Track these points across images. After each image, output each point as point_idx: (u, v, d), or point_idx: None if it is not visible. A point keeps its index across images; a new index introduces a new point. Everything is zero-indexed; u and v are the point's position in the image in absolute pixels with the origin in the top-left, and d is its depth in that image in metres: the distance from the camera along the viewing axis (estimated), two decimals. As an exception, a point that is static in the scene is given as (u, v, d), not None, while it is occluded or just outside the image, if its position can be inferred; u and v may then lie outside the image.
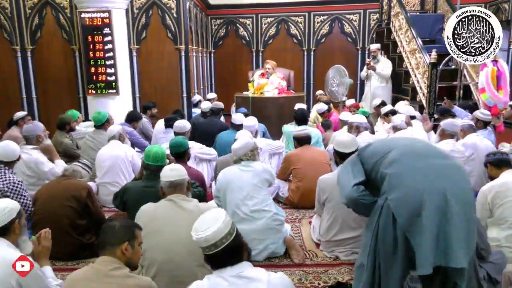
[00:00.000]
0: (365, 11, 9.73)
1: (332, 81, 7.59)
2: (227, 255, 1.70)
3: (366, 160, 2.11)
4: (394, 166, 1.91)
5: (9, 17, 7.33)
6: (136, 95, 7.49)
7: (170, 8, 7.23)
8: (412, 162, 1.91)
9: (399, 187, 1.84)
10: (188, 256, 2.29)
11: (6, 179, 3.33)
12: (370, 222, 1.99)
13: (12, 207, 2.10)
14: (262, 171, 3.23)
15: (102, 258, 1.87)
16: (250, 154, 3.28)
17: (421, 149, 2.03)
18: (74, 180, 3.26)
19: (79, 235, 3.15)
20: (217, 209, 1.86)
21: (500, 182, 2.87)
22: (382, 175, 1.94)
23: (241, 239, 1.77)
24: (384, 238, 1.86)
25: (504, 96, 5.46)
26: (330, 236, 3.18)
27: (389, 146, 2.03)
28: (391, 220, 1.83)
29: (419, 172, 1.86)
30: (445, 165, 1.92)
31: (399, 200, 1.82)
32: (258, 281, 1.68)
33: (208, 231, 1.69)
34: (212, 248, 1.69)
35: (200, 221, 1.78)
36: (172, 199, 2.45)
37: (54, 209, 3.07)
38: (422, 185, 1.80)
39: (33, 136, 4.06)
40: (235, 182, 3.14)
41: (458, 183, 1.85)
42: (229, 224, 1.74)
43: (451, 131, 4.19)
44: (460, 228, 1.75)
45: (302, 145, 4.37)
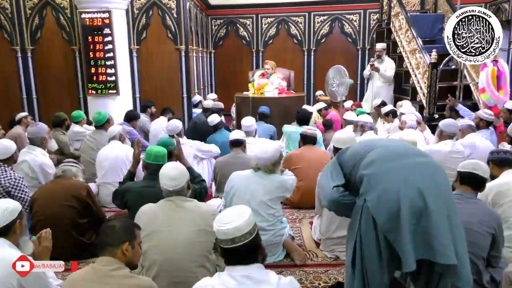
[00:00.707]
0: (365, 11, 9.73)
1: (332, 81, 7.58)
2: (242, 253, 1.70)
3: (345, 163, 2.09)
4: (371, 167, 1.90)
5: (10, 18, 7.34)
6: (136, 95, 7.49)
7: (170, 8, 7.24)
8: (389, 162, 1.90)
9: (376, 187, 1.83)
10: (188, 257, 2.29)
11: (7, 175, 3.37)
12: (352, 225, 1.97)
13: (13, 207, 2.11)
14: (277, 188, 3.08)
15: (102, 259, 1.87)
16: (271, 168, 3.10)
17: (399, 149, 2.02)
18: (72, 180, 3.26)
19: (80, 235, 3.16)
20: (245, 206, 1.84)
21: (501, 182, 2.87)
22: (360, 177, 1.93)
23: (260, 242, 1.77)
24: (368, 241, 1.85)
25: (504, 96, 5.46)
26: (331, 233, 3.18)
27: (367, 148, 2.02)
28: (371, 222, 1.82)
29: (395, 171, 1.85)
30: (421, 163, 1.90)
31: (376, 200, 1.81)
32: (268, 283, 1.68)
33: (230, 225, 1.70)
34: (229, 243, 1.69)
35: (225, 213, 1.79)
36: (171, 200, 2.45)
37: (54, 210, 3.06)
38: (397, 184, 1.79)
39: (38, 139, 4.08)
40: (245, 194, 3.05)
41: (436, 180, 1.83)
42: (251, 224, 1.73)
43: (449, 132, 4.16)
44: (440, 226, 1.74)
45: (306, 143, 4.37)
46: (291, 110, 6.40)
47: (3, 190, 3.30)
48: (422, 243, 1.74)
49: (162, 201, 2.49)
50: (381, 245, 1.82)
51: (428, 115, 6.06)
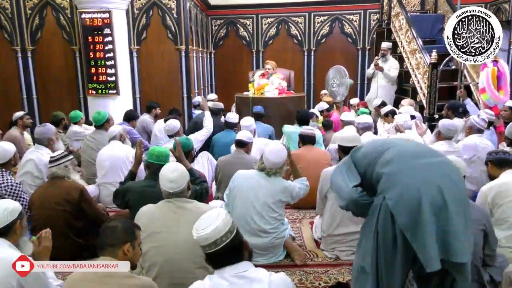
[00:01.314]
0: (365, 11, 9.72)
1: (332, 82, 7.60)
2: (227, 254, 1.70)
3: (359, 162, 2.09)
4: (390, 166, 1.90)
5: (10, 18, 7.34)
6: (137, 96, 7.50)
7: (170, 8, 7.24)
8: (408, 161, 1.91)
9: (396, 186, 1.84)
10: (188, 258, 2.29)
11: (4, 181, 3.35)
12: (368, 224, 1.97)
13: (14, 207, 2.11)
14: (281, 192, 3.09)
15: (102, 259, 1.87)
16: (278, 171, 3.12)
17: (415, 148, 2.03)
18: (65, 181, 3.22)
19: (77, 236, 3.15)
20: (217, 208, 1.86)
21: (501, 182, 2.87)
22: (377, 175, 1.93)
23: (242, 238, 1.78)
24: (384, 239, 1.86)
25: (504, 96, 5.45)
26: (332, 230, 3.19)
27: (383, 147, 2.02)
28: (390, 220, 1.83)
29: (415, 170, 1.86)
30: (439, 162, 1.92)
31: (396, 198, 1.81)
32: (259, 281, 1.68)
33: (208, 229, 1.70)
34: (212, 247, 1.69)
35: (200, 220, 1.79)
36: (171, 201, 2.45)
37: (49, 213, 3.06)
38: (417, 182, 1.80)
39: (45, 139, 4.12)
40: (248, 194, 3.05)
41: (453, 180, 1.85)
42: (229, 223, 1.74)
43: (447, 135, 4.15)
44: (458, 224, 1.75)
45: (305, 144, 4.37)
46: (291, 110, 6.41)
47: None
48: (443, 241, 1.75)
49: (162, 202, 2.49)
50: (398, 244, 1.82)
51: (428, 115, 6.05)
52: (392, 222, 1.82)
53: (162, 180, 2.47)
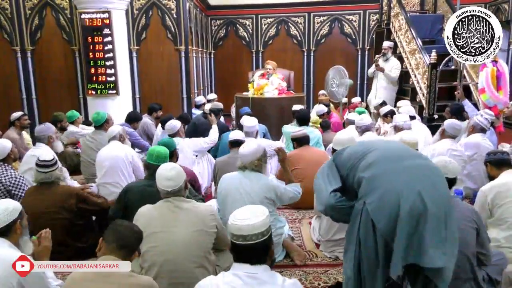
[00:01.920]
0: (364, 11, 9.74)
1: (332, 82, 7.59)
2: (252, 252, 1.70)
3: (342, 165, 2.07)
4: (371, 170, 1.88)
5: (9, 18, 7.35)
6: (136, 96, 7.50)
7: (170, 9, 7.24)
8: (388, 164, 1.88)
9: (376, 190, 1.81)
10: (187, 258, 2.29)
11: (8, 174, 3.39)
12: (351, 229, 1.95)
13: (14, 207, 2.10)
14: (261, 188, 3.00)
15: (103, 258, 1.87)
16: (257, 164, 3.06)
17: (397, 150, 2.00)
18: (59, 188, 3.14)
19: (75, 240, 3.12)
20: (263, 207, 1.84)
21: (500, 182, 2.87)
22: (358, 179, 1.90)
23: (271, 244, 1.76)
24: (366, 244, 1.84)
25: (504, 96, 5.45)
26: (331, 235, 3.18)
27: (365, 150, 2.00)
28: (371, 225, 1.81)
29: (395, 173, 1.83)
30: (420, 165, 1.89)
31: (376, 203, 1.79)
32: (272, 284, 1.68)
33: (244, 222, 1.70)
34: (240, 239, 1.69)
35: (243, 209, 1.79)
36: (170, 200, 2.45)
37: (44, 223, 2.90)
38: (398, 187, 1.77)
39: (45, 137, 4.19)
40: (235, 195, 3.02)
41: (435, 183, 1.82)
42: (266, 225, 1.73)
43: (451, 133, 4.16)
44: (436, 229, 1.72)
45: (302, 145, 4.37)
46: (291, 110, 6.41)
47: (4, 188, 3.32)
48: (416, 247, 1.72)
49: (160, 202, 2.49)
50: (378, 248, 1.80)
51: (428, 116, 6.05)
52: (373, 227, 1.80)
53: (159, 179, 2.47)
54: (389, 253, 1.77)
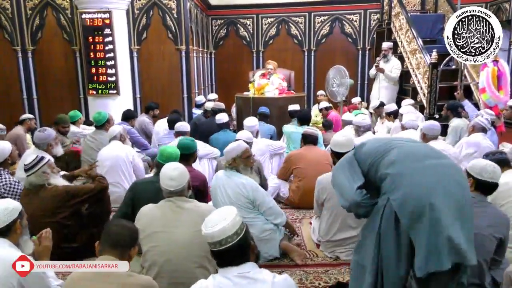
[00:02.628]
0: (365, 11, 9.72)
1: (332, 82, 7.58)
2: (232, 254, 1.70)
3: (363, 161, 2.08)
4: (395, 167, 1.90)
5: (10, 18, 7.35)
6: (137, 96, 7.51)
7: (170, 8, 7.24)
8: (412, 162, 1.91)
9: (401, 187, 1.84)
10: (188, 257, 2.29)
11: (2, 180, 3.35)
12: (371, 223, 1.97)
13: (14, 207, 2.11)
14: (243, 189, 3.03)
15: (103, 258, 1.87)
16: (231, 162, 3.11)
17: (419, 149, 2.03)
18: (49, 189, 3.08)
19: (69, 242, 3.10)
20: (229, 207, 1.84)
21: (501, 182, 2.85)
22: (382, 175, 1.93)
23: (249, 241, 1.76)
24: (387, 239, 1.86)
25: (504, 96, 5.45)
26: (330, 236, 3.18)
27: (387, 146, 2.01)
28: (393, 221, 1.84)
29: (420, 172, 1.86)
30: (444, 165, 1.93)
31: (401, 200, 1.81)
32: (263, 282, 1.68)
33: (215, 228, 1.70)
34: (217, 246, 1.69)
35: (211, 216, 1.78)
36: (171, 200, 2.45)
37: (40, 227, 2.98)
38: (423, 185, 1.81)
39: (44, 144, 4.09)
40: (219, 193, 3.09)
41: (459, 182, 1.86)
42: (237, 225, 1.72)
43: (432, 135, 4.17)
44: (467, 227, 1.77)
45: (307, 143, 4.37)
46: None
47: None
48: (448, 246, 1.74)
49: (162, 201, 2.49)
50: (402, 244, 1.82)
51: (428, 115, 6.05)
52: (396, 223, 1.83)
53: (162, 178, 2.47)
54: (412, 249, 1.80)
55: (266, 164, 4.72)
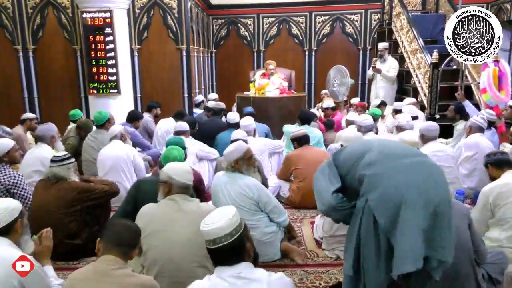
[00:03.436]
0: (366, 11, 9.72)
1: (333, 81, 7.60)
2: (225, 254, 1.70)
3: (341, 164, 2.08)
4: (372, 167, 1.89)
5: (11, 17, 7.36)
6: (138, 95, 7.51)
7: (171, 8, 7.24)
8: (390, 162, 1.90)
9: (378, 187, 1.82)
10: (189, 257, 2.29)
11: (6, 173, 3.37)
12: (352, 227, 1.96)
13: (14, 206, 2.10)
14: (247, 190, 3.01)
15: (104, 257, 1.88)
16: (234, 164, 3.08)
17: (397, 148, 2.02)
18: (65, 183, 3.16)
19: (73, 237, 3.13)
20: (229, 207, 1.84)
21: (502, 182, 2.86)
22: (360, 177, 1.91)
23: (244, 243, 1.75)
24: (367, 241, 1.85)
25: (505, 96, 5.45)
26: (334, 231, 3.18)
27: (365, 148, 2.01)
28: (372, 222, 1.82)
29: (396, 171, 1.85)
30: (421, 163, 1.91)
31: (378, 199, 1.80)
32: (258, 281, 1.67)
33: (211, 226, 1.70)
34: (211, 244, 1.70)
35: (212, 213, 1.79)
36: (174, 199, 2.45)
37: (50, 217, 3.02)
38: (399, 183, 1.79)
39: (48, 136, 4.17)
40: (219, 195, 3.06)
41: (436, 180, 1.84)
42: (234, 225, 1.72)
43: (430, 136, 4.18)
44: (443, 225, 1.75)
45: (302, 145, 4.37)
46: (292, 110, 6.42)
47: (3, 188, 3.31)
48: (426, 242, 1.73)
49: (164, 200, 2.49)
50: (381, 245, 1.81)
51: (429, 116, 6.05)
52: (375, 224, 1.81)
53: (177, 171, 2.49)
54: (392, 249, 1.78)
55: (265, 163, 4.72)
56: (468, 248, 2.22)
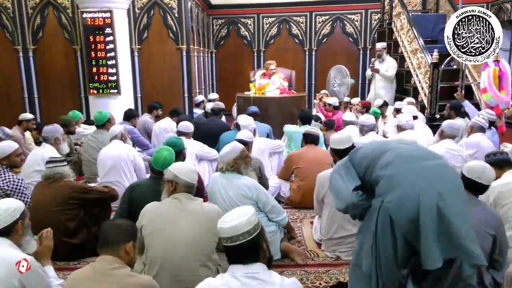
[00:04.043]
0: (366, 11, 9.72)
1: (333, 81, 7.60)
2: (241, 253, 1.70)
3: (358, 164, 2.09)
4: (389, 168, 1.90)
5: (11, 17, 7.36)
6: (138, 95, 7.51)
7: (171, 8, 7.25)
8: (407, 163, 1.91)
9: (396, 189, 1.83)
10: (191, 255, 2.28)
11: (6, 178, 3.35)
12: (367, 226, 1.97)
13: (16, 207, 2.09)
14: (246, 189, 3.01)
15: (103, 257, 1.88)
16: (232, 164, 3.07)
17: (414, 151, 2.03)
18: (62, 182, 3.17)
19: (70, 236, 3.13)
20: (248, 207, 1.84)
21: (503, 182, 2.86)
22: (376, 178, 1.93)
23: (261, 243, 1.76)
24: (383, 240, 1.86)
25: (506, 96, 5.44)
26: (331, 234, 3.18)
27: (382, 149, 2.02)
28: (388, 223, 1.83)
29: (414, 173, 1.86)
30: (438, 165, 1.92)
31: (395, 202, 1.81)
32: (272, 284, 1.68)
33: (229, 224, 1.71)
34: (228, 241, 1.70)
35: (230, 212, 1.80)
36: (178, 197, 2.45)
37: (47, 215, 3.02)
38: (418, 186, 1.80)
39: (52, 138, 4.19)
40: (217, 196, 3.04)
41: (454, 182, 1.86)
42: (252, 224, 1.72)
43: (450, 134, 4.18)
44: (461, 226, 1.76)
45: (308, 143, 4.36)
46: (292, 110, 6.41)
47: (2, 192, 3.28)
48: (448, 243, 1.75)
49: (168, 199, 2.49)
50: (398, 244, 1.82)
51: (429, 115, 6.05)
52: (391, 224, 1.82)
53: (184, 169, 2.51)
54: (409, 249, 1.81)
55: (266, 163, 4.71)
56: None
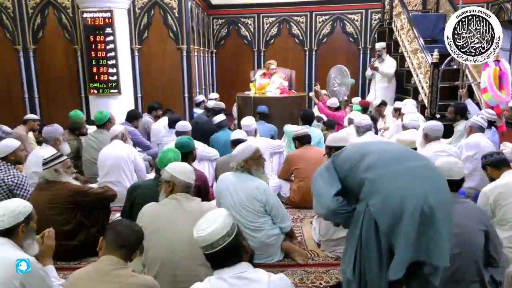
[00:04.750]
0: (366, 11, 9.72)
1: (333, 81, 7.61)
2: (224, 256, 1.70)
3: (341, 166, 2.04)
4: (373, 171, 1.87)
5: (11, 17, 7.36)
6: (138, 95, 7.51)
7: (172, 8, 7.25)
8: (390, 165, 1.88)
9: (379, 192, 1.80)
10: (190, 255, 2.29)
11: (10, 174, 3.38)
12: (352, 231, 1.95)
13: (21, 211, 2.07)
14: (257, 192, 3.00)
15: (105, 257, 1.88)
16: (243, 165, 3.08)
17: (397, 152, 2.00)
18: (59, 184, 3.13)
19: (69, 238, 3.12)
20: (220, 209, 1.85)
21: (502, 182, 2.87)
22: (360, 181, 1.89)
23: (241, 241, 1.76)
24: (368, 245, 1.83)
25: (506, 96, 5.45)
26: (330, 235, 3.18)
27: (364, 151, 1.98)
28: (373, 227, 1.81)
29: (398, 175, 1.83)
30: (421, 167, 1.89)
31: (379, 205, 1.78)
32: (259, 282, 1.68)
33: (205, 231, 1.70)
34: (209, 248, 1.70)
35: (201, 220, 1.79)
36: (176, 198, 2.46)
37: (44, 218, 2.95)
38: (402, 189, 1.78)
39: (52, 139, 4.16)
40: (226, 195, 3.03)
41: (437, 185, 1.84)
42: (228, 226, 1.73)
43: (434, 136, 4.18)
44: (442, 229, 1.74)
45: (303, 144, 4.37)
46: (292, 109, 6.41)
47: (6, 188, 3.32)
48: (424, 247, 1.73)
49: (166, 199, 2.50)
50: (382, 249, 1.80)
51: (429, 115, 6.05)
52: (376, 229, 1.80)
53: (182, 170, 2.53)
54: (392, 254, 1.77)
55: (266, 163, 4.71)
56: (477, 253, 2.23)
